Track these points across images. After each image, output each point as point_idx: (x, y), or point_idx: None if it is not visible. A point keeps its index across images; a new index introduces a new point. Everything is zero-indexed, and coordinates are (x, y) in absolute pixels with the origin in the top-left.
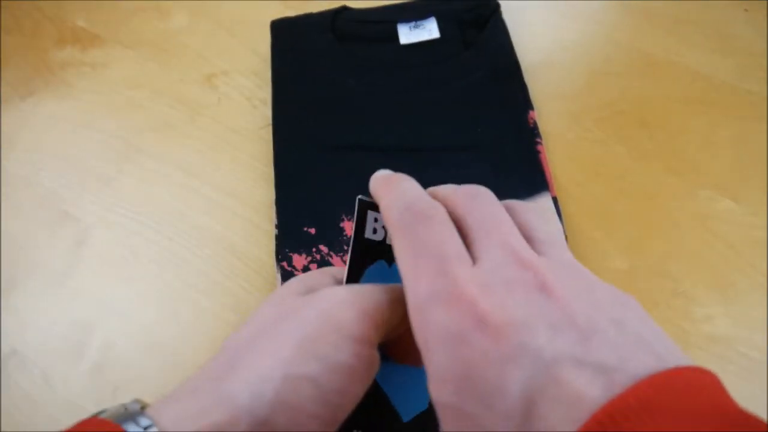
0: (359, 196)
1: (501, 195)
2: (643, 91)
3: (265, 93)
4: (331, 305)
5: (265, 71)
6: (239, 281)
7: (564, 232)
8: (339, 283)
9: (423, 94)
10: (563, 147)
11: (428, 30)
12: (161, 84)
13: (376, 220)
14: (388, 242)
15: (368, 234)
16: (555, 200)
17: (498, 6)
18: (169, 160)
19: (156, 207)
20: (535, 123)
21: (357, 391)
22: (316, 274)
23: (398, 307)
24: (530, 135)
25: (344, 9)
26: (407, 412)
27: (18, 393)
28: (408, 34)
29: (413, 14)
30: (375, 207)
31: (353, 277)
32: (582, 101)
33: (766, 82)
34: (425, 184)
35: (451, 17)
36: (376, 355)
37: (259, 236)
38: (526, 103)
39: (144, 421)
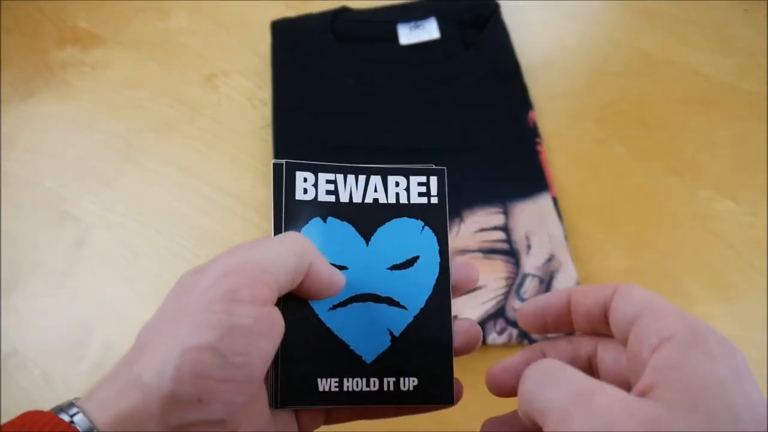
0: (277, 161)
1: (501, 195)
2: (643, 91)
3: (265, 93)
4: (218, 276)
5: (265, 71)
6: None
7: (564, 232)
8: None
9: (423, 94)
10: (563, 147)
11: (428, 30)
12: (161, 84)
13: (305, 179)
14: (320, 200)
15: (299, 195)
16: (555, 200)
17: (498, 6)
18: (169, 160)
19: (156, 207)
20: (535, 123)
21: (263, 348)
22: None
23: (288, 261)
24: (530, 135)
25: (344, 9)
26: (369, 353)
27: (18, 393)
28: (408, 35)
29: (413, 14)
30: (302, 167)
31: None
32: (582, 101)
33: (766, 82)
34: None
35: (451, 17)
36: (274, 312)
37: (259, 236)
38: (526, 103)
39: (72, 410)
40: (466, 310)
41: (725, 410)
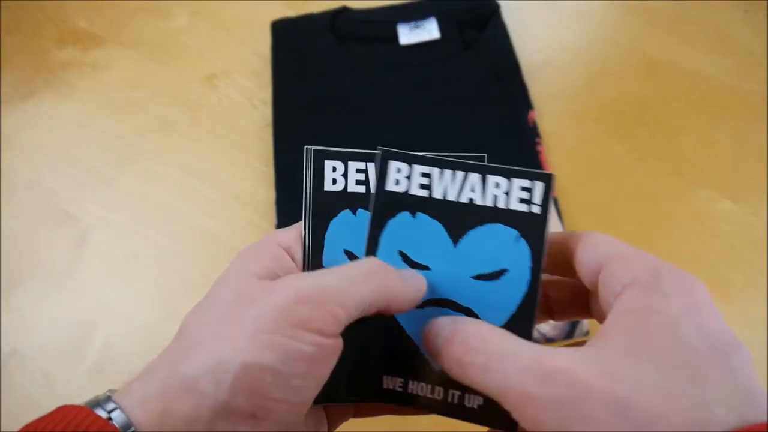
0: (380, 148)
1: None
2: (643, 91)
3: (265, 93)
4: (290, 300)
5: (265, 71)
6: None
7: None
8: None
9: (423, 94)
10: (563, 147)
11: (428, 30)
12: (161, 84)
13: (398, 170)
14: (411, 193)
15: (390, 186)
16: (555, 200)
17: (498, 6)
18: (169, 160)
19: (156, 207)
20: (535, 123)
21: (321, 374)
22: (273, 248)
23: (365, 298)
24: (530, 135)
25: (344, 9)
26: None
27: (19, 393)
28: (408, 35)
29: (413, 14)
30: (398, 157)
31: (374, 230)
32: (582, 101)
33: (766, 82)
34: None
35: (451, 18)
36: (339, 341)
37: (259, 236)
38: (526, 103)
39: (109, 405)
40: None
41: (676, 344)
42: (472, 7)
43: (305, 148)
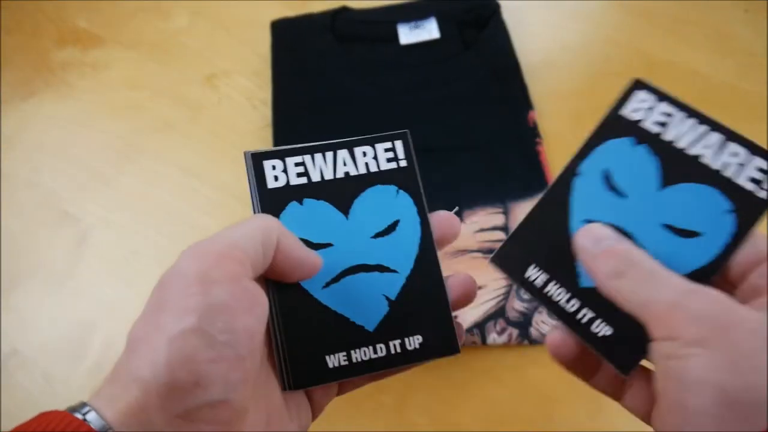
0: (246, 152)
1: (500, 195)
2: None
3: (265, 93)
4: (187, 261)
5: (265, 71)
6: None
7: None
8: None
9: (423, 94)
10: (563, 147)
11: (428, 30)
12: (161, 84)
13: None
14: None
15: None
16: None
17: (498, 6)
18: (169, 160)
19: (156, 207)
20: (535, 123)
21: (247, 323)
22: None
23: (255, 236)
24: (530, 135)
25: (344, 9)
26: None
27: (19, 393)
28: (408, 35)
29: (413, 14)
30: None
31: None
32: (582, 101)
33: (766, 82)
34: (424, 184)
35: (451, 17)
36: (252, 286)
37: None
38: (526, 103)
39: (84, 409)
40: (467, 309)
41: None
42: (472, 7)
43: (244, 153)
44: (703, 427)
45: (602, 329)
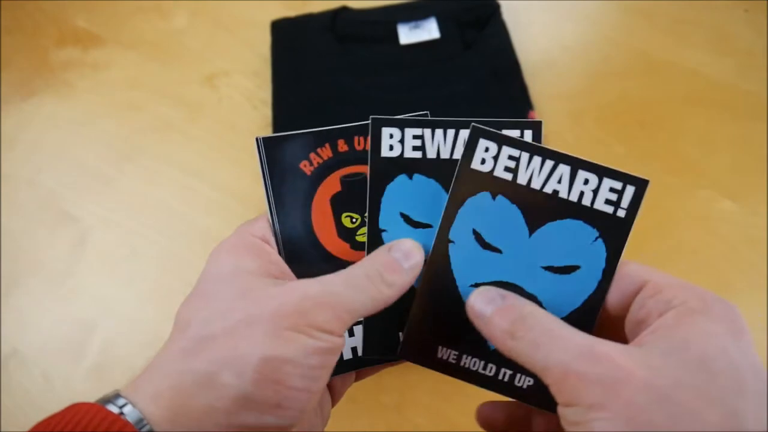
0: (372, 117)
1: None
2: (643, 91)
3: (265, 93)
4: (304, 302)
5: (265, 71)
6: None
7: None
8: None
9: (423, 94)
10: (563, 147)
11: (428, 30)
12: (161, 84)
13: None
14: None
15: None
16: None
17: (498, 6)
18: (169, 160)
19: (156, 207)
20: None
21: (331, 365)
22: (253, 242)
23: (368, 305)
24: None
25: (344, 9)
26: None
27: (19, 393)
28: (408, 35)
29: (413, 14)
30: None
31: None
32: (582, 101)
33: (766, 82)
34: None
35: (451, 18)
36: (344, 340)
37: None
38: (526, 103)
39: (120, 401)
40: None
41: (721, 355)
42: (472, 7)
43: (370, 118)
44: None
45: (524, 381)
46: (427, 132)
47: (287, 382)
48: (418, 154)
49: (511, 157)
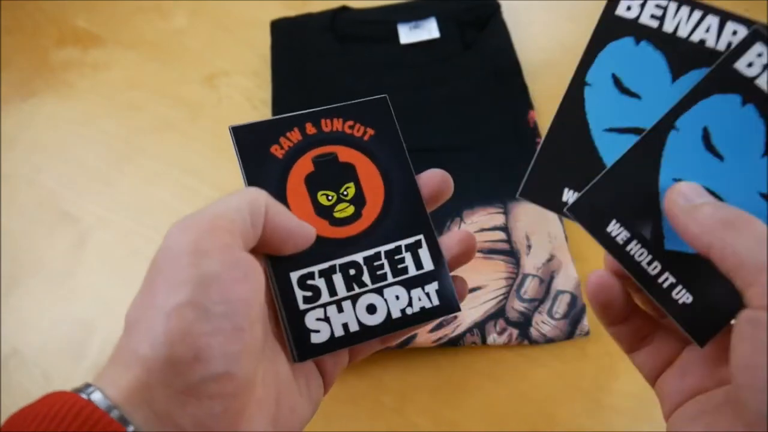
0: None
1: (501, 195)
2: None
3: (265, 93)
4: (175, 236)
5: (265, 71)
6: None
7: (564, 232)
8: None
9: (423, 94)
10: None
11: (428, 30)
12: (161, 84)
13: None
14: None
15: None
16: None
17: (498, 6)
18: (169, 160)
19: (156, 207)
20: (535, 123)
21: (242, 293)
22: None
23: (241, 206)
24: (530, 135)
25: (344, 9)
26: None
27: (19, 393)
28: (408, 34)
29: (413, 14)
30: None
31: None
32: None
33: None
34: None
35: (451, 18)
36: (245, 257)
37: None
38: (526, 103)
39: (89, 389)
40: (467, 310)
41: None
42: (472, 7)
43: None
44: None
45: (683, 296)
46: (672, 5)
47: (193, 329)
48: (654, 23)
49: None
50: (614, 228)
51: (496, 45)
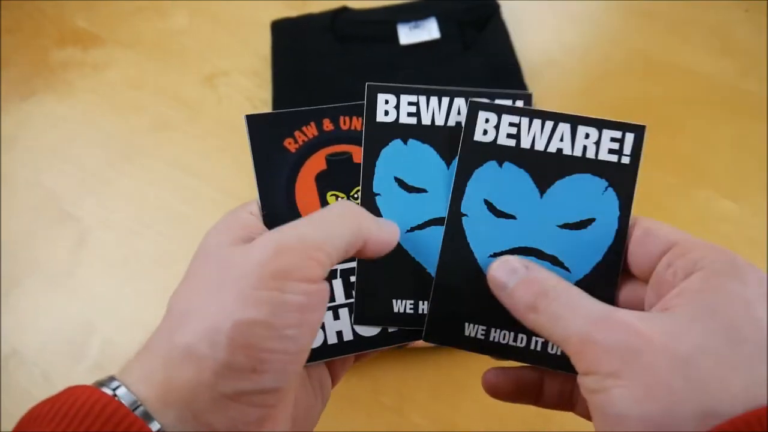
0: (368, 83)
1: None
2: (643, 91)
3: (265, 93)
4: (271, 254)
5: (265, 71)
6: None
7: None
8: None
9: None
10: None
11: (428, 30)
12: (161, 84)
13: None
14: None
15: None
16: None
17: (498, 7)
18: (169, 160)
19: (156, 207)
20: None
21: (313, 321)
22: (242, 217)
23: (344, 238)
24: None
25: (344, 9)
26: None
27: (18, 393)
28: (408, 35)
29: (413, 14)
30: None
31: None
32: (582, 101)
33: (766, 82)
34: None
35: (451, 18)
36: (324, 287)
37: None
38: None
39: (113, 384)
40: None
41: (749, 322)
42: (472, 7)
43: (366, 84)
44: None
45: (557, 348)
46: (422, 99)
47: (260, 344)
48: (413, 120)
49: (511, 124)
50: (470, 330)
51: (496, 45)
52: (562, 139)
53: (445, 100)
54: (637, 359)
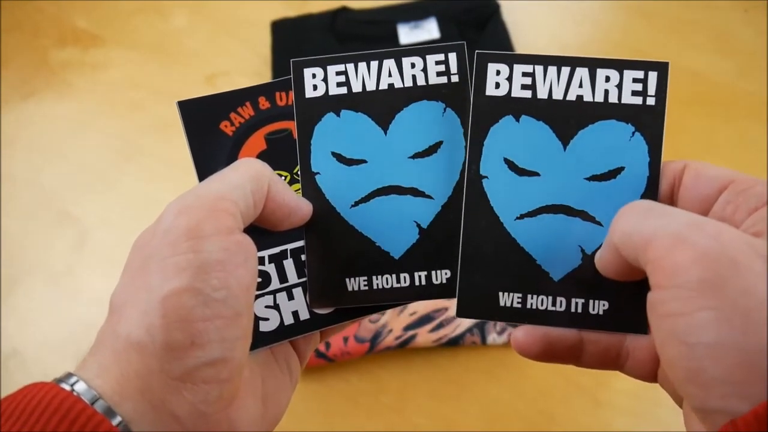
0: (292, 59)
1: None
2: None
3: None
4: (173, 217)
5: (265, 71)
6: None
7: None
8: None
9: None
10: None
11: (428, 30)
12: (161, 84)
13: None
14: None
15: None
16: None
17: (498, 7)
18: (169, 159)
19: (156, 207)
20: None
21: (242, 277)
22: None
23: (245, 185)
24: None
25: (344, 9)
26: (557, 271)
27: None
28: (408, 35)
29: (413, 15)
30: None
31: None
32: None
33: (766, 82)
34: None
35: (451, 18)
36: (244, 239)
37: None
38: None
39: (71, 379)
40: None
41: None
42: (472, 7)
43: (291, 60)
44: (729, 398)
45: (598, 307)
46: (350, 66)
47: (191, 315)
48: (343, 90)
49: (525, 74)
50: (506, 299)
51: (496, 45)
52: (581, 85)
53: (374, 64)
54: (738, 275)
